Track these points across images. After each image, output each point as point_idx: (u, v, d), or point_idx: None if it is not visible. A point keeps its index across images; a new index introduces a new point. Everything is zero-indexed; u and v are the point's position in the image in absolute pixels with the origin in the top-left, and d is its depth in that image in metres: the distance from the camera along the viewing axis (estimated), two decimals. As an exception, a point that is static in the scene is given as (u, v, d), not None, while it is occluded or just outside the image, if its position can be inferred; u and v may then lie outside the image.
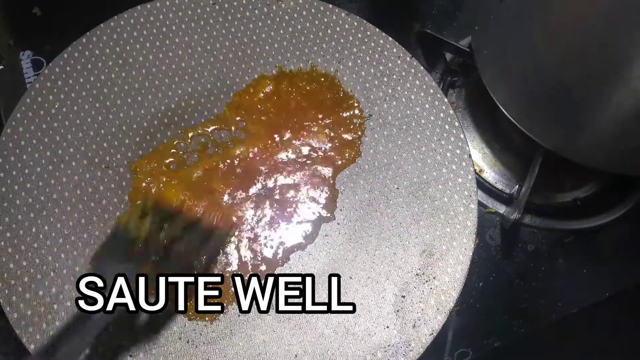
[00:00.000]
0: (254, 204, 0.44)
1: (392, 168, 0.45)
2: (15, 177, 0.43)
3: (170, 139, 0.46)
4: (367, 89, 0.47)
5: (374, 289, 0.42)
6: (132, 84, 0.47)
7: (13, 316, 0.40)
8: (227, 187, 0.45)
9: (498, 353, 0.47)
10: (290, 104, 0.47)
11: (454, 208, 0.43)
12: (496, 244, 0.50)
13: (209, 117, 0.47)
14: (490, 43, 0.48)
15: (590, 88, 0.47)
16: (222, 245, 0.43)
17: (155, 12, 0.49)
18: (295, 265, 0.43)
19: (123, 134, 0.46)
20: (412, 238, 0.43)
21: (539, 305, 0.48)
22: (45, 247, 0.42)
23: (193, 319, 0.41)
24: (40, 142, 0.45)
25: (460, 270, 0.41)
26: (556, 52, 0.48)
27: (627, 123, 0.46)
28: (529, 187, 0.47)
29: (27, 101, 0.45)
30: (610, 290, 0.49)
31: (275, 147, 0.46)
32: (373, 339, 0.40)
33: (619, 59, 0.47)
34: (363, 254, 0.43)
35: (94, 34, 0.48)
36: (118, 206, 0.44)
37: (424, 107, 0.46)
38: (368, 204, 0.44)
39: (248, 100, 0.47)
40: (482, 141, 0.53)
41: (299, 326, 0.41)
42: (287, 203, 0.44)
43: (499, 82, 0.47)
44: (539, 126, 0.45)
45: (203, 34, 0.49)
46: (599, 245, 0.51)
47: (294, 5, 0.49)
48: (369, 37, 0.48)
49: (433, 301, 0.41)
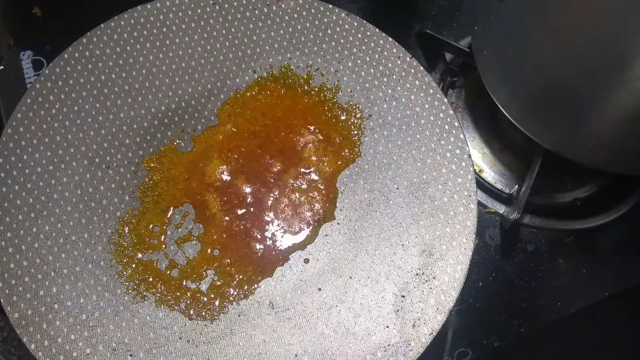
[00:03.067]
0: (253, 204, 0.44)
1: (392, 168, 0.45)
2: (16, 177, 0.43)
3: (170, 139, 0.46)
4: (367, 89, 0.47)
5: (373, 288, 0.42)
6: (132, 84, 0.47)
7: (14, 316, 0.40)
8: (226, 187, 0.45)
9: (498, 353, 0.47)
10: (288, 103, 0.47)
11: (454, 208, 0.43)
12: (496, 243, 0.50)
13: (209, 117, 0.47)
14: (490, 43, 0.49)
15: (590, 88, 0.47)
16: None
17: (155, 12, 0.49)
18: (295, 265, 0.43)
19: (123, 134, 0.46)
20: (412, 238, 0.43)
21: (539, 305, 0.48)
22: (46, 247, 0.42)
23: (193, 318, 0.41)
24: (41, 142, 0.45)
25: (460, 270, 0.42)
26: (556, 52, 0.48)
27: (627, 123, 0.46)
28: (529, 187, 0.47)
29: (27, 101, 0.45)
30: (610, 290, 0.49)
31: (275, 146, 0.46)
32: (373, 339, 0.40)
33: (619, 59, 0.47)
34: (363, 254, 0.43)
35: (94, 34, 0.48)
36: (118, 206, 0.44)
37: (424, 107, 0.46)
38: (368, 204, 0.44)
39: (247, 100, 0.47)
40: (482, 141, 0.53)
41: (299, 326, 0.41)
42: (287, 203, 0.45)
43: (499, 82, 0.47)
44: (539, 126, 0.45)
45: (203, 34, 0.49)
46: (599, 245, 0.51)
47: (294, 5, 0.49)
48: (369, 37, 0.48)
49: (433, 301, 0.41)
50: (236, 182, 0.45)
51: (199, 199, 0.44)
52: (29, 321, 0.40)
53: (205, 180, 0.45)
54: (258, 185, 0.45)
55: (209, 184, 0.45)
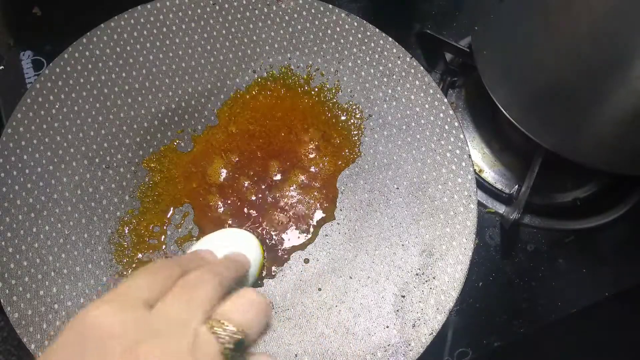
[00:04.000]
0: (253, 204, 0.44)
1: (392, 168, 0.45)
2: (16, 177, 0.43)
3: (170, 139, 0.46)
4: (367, 89, 0.47)
5: (373, 288, 0.42)
6: (132, 84, 0.47)
7: (14, 316, 0.40)
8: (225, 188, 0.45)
9: (498, 353, 0.47)
10: (288, 103, 0.47)
11: (454, 208, 0.43)
12: (496, 243, 0.50)
13: (209, 117, 0.47)
14: (490, 43, 0.49)
15: (590, 88, 0.47)
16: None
17: (155, 12, 0.49)
18: (295, 265, 0.43)
19: (123, 134, 0.46)
20: (412, 238, 0.43)
21: (539, 305, 0.48)
22: (46, 247, 0.42)
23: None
24: (41, 142, 0.45)
25: (460, 270, 0.42)
26: (556, 52, 0.48)
27: (627, 123, 0.46)
28: (529, 187, 0.47)
29: (27, 101, 0.45)
30: (610, 290, 0.49)
31: (275, 147, 0.46)
32: (373, 339, 0.40)
33: (619, 59, 0.47)
34: (363, 254, 0.43)
35: (94, 34, 0.48)
36: (118, 206, 0.44)
37: (424, 107, 0.46)
38: (368, 204, 0.44)
39: (247, 100, 0.47)
40: (482, 141, 0.53)
41: (299, 326, 0.41)
42: (287, 203, 0.44)
43: (499, 82, 0.47)
44: (539, 126, 0.45)
45: (203, 34, 0.49)
46: (599, 245, 0.51)
47: (294, 5, 0.49)
48: (369, 37, 0.48)
49: (433, 301, 0.41)
50: (236, 182, 0.45)
51: (199, 199, 0.44)
52: (29, 321, 0.40)
53: (205, 180, 0.45)
54: (258, 185, 0.45)
55: (209, 184, 0.45)
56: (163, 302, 0.23)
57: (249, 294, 0.25)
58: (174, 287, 0.24)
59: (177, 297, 0.24)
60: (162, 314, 0.23)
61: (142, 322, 0.22)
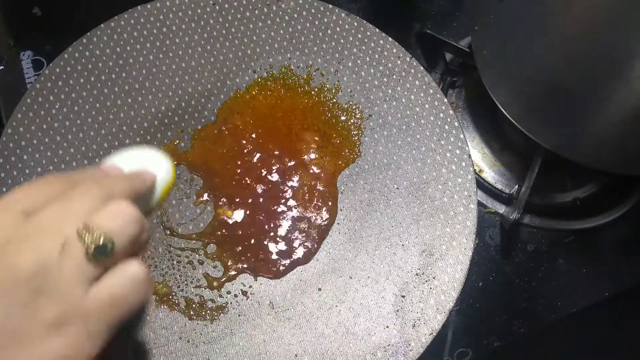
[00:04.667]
0: (253, 204, 0.44)
1: (392, 168, 0.45)
2: (16, 178, 0.43)
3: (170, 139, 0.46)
4: (367, 89, 0.47)
5: (373, 288, 0.42)
6: (132, 84, 0.47)
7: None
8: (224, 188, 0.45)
9: (498, 353, 0.47)
10: (288, 103, 0.47)
11: (454, 208, 0.43)
12: (496, 243, 0.50)
13: (209, 117, 0.47)
14: (490, 43, 0.48)
15: (590, 88, 0.47)
16: None
17: (155, 12, 0.49)
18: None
19: (123, 134, 0.46)
20: (412, 238, 0.43)
21: (539, 305, 0.48)
22: (46, 247, 0.42)
23: (193, 318, 0.41)
24: (41, 142, 0.45)
25: (460, 270, 0.42)
26: (556, 52, 0.48)
27: (628, 123, 0.46)
28: (529, 187, 0.47)
29: (27, 101, 0.45)
30: (610, 290, 0.49)
31: (275, 147, 0.46)
32: (373, 339, 0.40)
33: (619, 59, 0.47)
34: (363, 254, 0.43)
35: (94, 34, 0.48)
36: (118, 206, 0.44)
37: (424, 107, 0.46)
38: (368, 204, 0.44)
39: (247, 100, 0.47)
40: (482, 141, 0.53)
41: (299, 326, 0.41)
42: (286, 203, 0.44)
43: (499, 82, 0.47)
44: (539, 126, 0.45)
45: (203, 34, 0.49)
46: (599, 245, 0.51)
47: (294, 5, 0.49)
48: (369, 37, 0.48)
49: (433, 301, 0.41)
50: (235, 182, 0.45)
51: (198, 199, 0.44)
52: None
53: (205, 180, 0.45)
54: (258, 185, 0.45)
55: (208, 184, 0.45)
56: (41, 211, 0.24)
57: (121, 203, 0.25)
58: (55, 199, 0.25)
59: (54, 206, 0.25)
60: (36, 221, 0.24)
61: (16, 226, 0.24)
